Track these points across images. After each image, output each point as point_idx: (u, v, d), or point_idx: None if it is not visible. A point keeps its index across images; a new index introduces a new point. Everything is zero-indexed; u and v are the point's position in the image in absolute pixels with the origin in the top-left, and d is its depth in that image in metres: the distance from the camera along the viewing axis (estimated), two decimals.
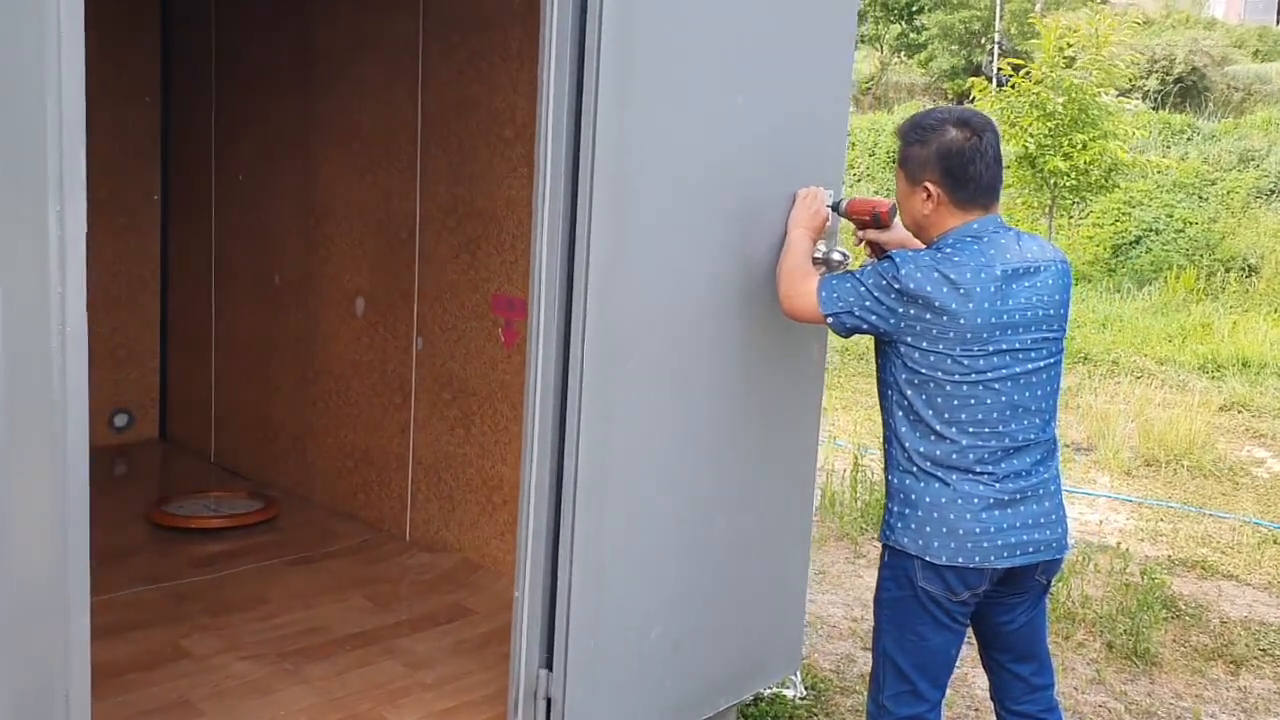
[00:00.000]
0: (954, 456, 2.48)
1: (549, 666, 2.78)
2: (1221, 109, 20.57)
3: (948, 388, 2.46)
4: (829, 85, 3.20)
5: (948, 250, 2.49)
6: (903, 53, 27.81)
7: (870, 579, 4.91)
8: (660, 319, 2.79)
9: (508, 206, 3.99)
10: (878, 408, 2.68)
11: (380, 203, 4.49)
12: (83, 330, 1.94)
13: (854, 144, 18.36)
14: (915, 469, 2.51)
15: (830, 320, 2.57)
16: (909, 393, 2.50)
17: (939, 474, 2.49)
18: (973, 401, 2.46)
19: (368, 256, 4.58)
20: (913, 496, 2.52)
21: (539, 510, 2.73)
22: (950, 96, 24.02)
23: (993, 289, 2.44)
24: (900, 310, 2.46)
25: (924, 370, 2.47)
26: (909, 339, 2.48)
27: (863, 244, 2.90)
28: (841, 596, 4.73)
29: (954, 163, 2.50)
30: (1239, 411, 8.79)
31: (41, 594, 1.97)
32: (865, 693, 3.77)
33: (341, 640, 3.54)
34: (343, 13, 4.59)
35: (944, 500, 2.48)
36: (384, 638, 3.58)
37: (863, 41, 26.79)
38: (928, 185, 2.53)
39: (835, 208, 2.92)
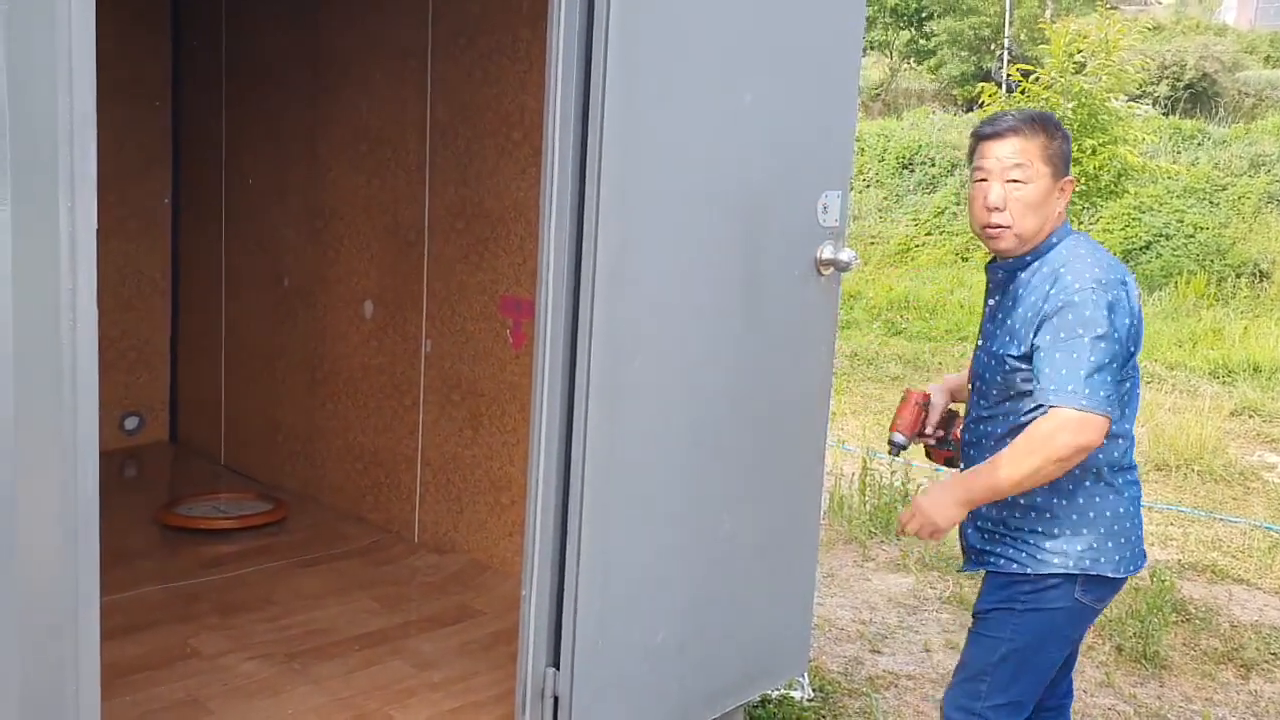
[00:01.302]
0: (1116, 455, 2.44)
1: (556, 665, 2.78)
2: (1232, 114, 20.49)
3: (1126, 384, 2.41)
4: (837, 87, 3.20)
5: (1084, 249, 2.41)
6: (912, 59, 27.78)
7: (879, 583, 4.91)
8: (667, 320, 2.80)
9: (516, 208, 4.00)
10: (889, 415, 2.65)
11: (389, 205, 4.51)
12: (93, 327, 1.94)
13: (863, 150, 18.34)
14: (1090, 478, 2.42)
15: (1114, 411, 2.33)
16: None
17: (1107, 477, 2.43)
18: (1129, 397, 2.44)
19: (376, 259, 4.59)
20: (1090, 512, 2.42)
21: (546, 511, 2.73)
22: (960, 102, 23.98)
23: None
24: (1122, 334, 2.33)
25: None
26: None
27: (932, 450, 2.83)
28: (850, 599, 4.72)
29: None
30: (1250, 416, 8.75)
31: (52, 594, 1.99)
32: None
33: (349, 641, 3.55)
34: (352, 16, 4.61)
35: (1122, 510, 2.44)
36: (392, 638, 3.60)
37: (872, 48, 26.77)
38: (1070, 181, 2.49)
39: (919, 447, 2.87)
